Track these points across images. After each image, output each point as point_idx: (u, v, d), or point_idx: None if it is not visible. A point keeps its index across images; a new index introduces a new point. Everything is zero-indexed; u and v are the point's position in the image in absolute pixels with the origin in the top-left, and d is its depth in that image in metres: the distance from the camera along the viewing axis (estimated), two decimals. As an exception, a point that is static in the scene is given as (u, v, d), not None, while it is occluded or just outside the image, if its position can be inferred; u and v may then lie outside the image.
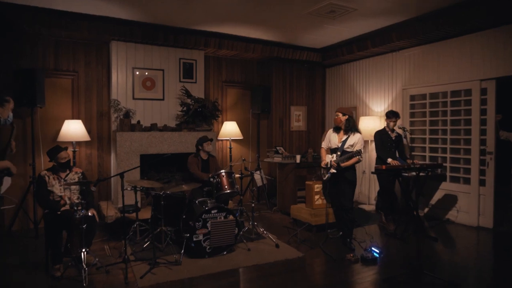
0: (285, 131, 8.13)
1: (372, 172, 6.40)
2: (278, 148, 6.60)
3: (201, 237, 4.25)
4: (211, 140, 5.27)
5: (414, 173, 5.43)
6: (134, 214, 5.21)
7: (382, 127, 6.84)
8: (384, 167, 4.99)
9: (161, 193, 4.38)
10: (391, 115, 5.64)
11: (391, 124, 5.61)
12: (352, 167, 4.73)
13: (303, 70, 8.33)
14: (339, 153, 4.68)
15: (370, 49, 6.73)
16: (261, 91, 7.30)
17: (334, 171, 4.64)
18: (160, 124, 6.22)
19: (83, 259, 3.64)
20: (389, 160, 5.30)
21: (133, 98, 6.20)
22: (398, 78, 6.87)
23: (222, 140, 7.26)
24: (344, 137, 4.69)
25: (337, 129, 4.83)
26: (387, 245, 4.84)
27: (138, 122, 5.88)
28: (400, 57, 6.80)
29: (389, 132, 5.62)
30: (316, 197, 5.41)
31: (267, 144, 7.85)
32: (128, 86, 6.16)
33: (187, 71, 6.64)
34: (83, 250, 3.68)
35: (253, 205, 4.99)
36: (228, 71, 7.42)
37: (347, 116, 4.73)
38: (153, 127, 5.91)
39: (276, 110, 8.00)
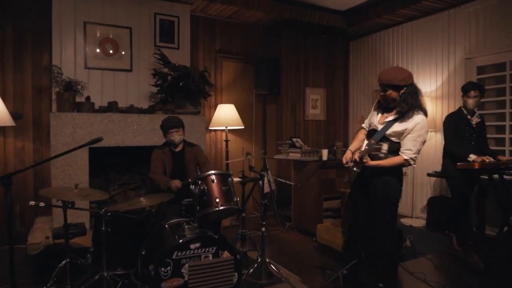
0: (298, 121, 6.22)
1: (432, 175, 4.51)
2: (295, 140, 4.67)
3: (171, 293, 2.33)
4: (178, 125, 3.33)
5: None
6: (79, 240, 3.40)
7: (431, 110, 5.00)
8: (477, 165, 3.14)
9: (100, 212, 2.46)
10: (469, 87, 3.72)
11: (471, 102, 3.69)
12: (394, 170, 2.73)
13: (320, 42, 6.41)
14: (373, 141, 2.69)
15: (421, 2, 4.83)
16: (268, 65, 5.40)
17: (357, 170, 2.72)
18: (126, 105, 4.30)
19: None
20: (473, 157, 3.39)
21: (86, 67, 4.28)
22: (458, 44, 4.96)
23: (215, 130, 5.33)
24: (392, 117, 2.71)
25: (382, 105, 2.82)
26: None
27: (88, 98, 3.95)
28: (462, 15, 4.89)
29: (468, 116, 3.71)
30: (359, 213, 3.49)
31: (276, 136, 5.93)
32: (78, 49, 4.24)
33: (166, 32, 4.72)
34: None
35: (263, 228, 3.01)
36: (224, 38, 5.50)
37: (404, 89, 2.62)
38: (111, 107, 3.98)
39: (287, 92, 6.08)
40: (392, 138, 2.68)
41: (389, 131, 2.67)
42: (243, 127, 5.18)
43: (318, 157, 4.45)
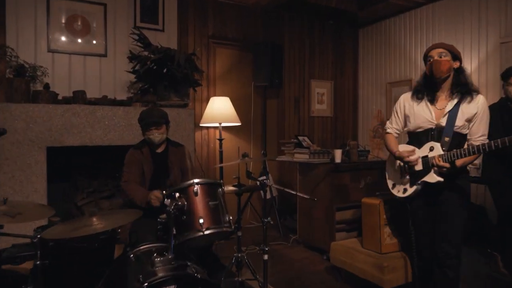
0: (303, 117, 5.49)
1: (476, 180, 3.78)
2: (301, 138, 3.94)
3: None
4: (161, 121, 2.61)
5: None
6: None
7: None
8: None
9: (34, 240, 1.73)
10: (511, 72, 3.04)
11: None
12: (465, 170, 2.30)
13: (327, 29, 5.69)
14: (447, 138, 2.16)
15: (449, -24, 4.13)
16: (269, 52, 4.67)
17: (440, 179, 2.14)
18: (99, 96, 3.55)
19: None
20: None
21: (49, 50, 3.54)
22: (491, 27, 4.25)
23: (207, 127, 4.60)
24: (451, 105, 2.20)
25: (423, 91, 2.30)
26: None
27: (47, 86, 3.21)
28: (496, -8, 4.19)
29: (515, 107, 3.02)
30: (386, 230, 2.78)
31: (278, 134, 5.21)
32: (39, 28, 3.50)
33: (148, 11, 3.99)
34: None
35: (265, 256, 2.22)
36: (218, 22, 4.77)
37: (458, 63, 2.22)
38: (76, 98, 3.23)
39: (290, 85, 5.36)
40: (460, 129, 2.19)
41: (458, 121, 2.16)
42: (239, 124, 4.44)
43: (328, 159, 3.72)
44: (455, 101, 2.19)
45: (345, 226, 3.67)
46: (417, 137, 2.31)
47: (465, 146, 2.19)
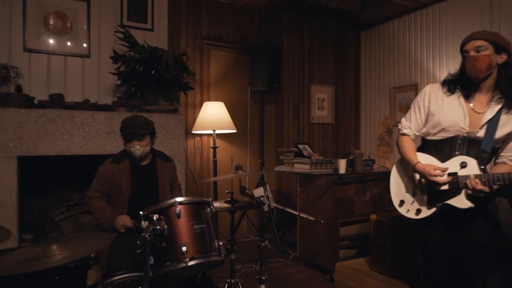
0: (302, 124, 5.18)
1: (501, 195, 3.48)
2: (301, 147, 3.62)
3: None
4: (144, 132, 2.29)
5: None
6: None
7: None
8: None
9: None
10: None
11: None
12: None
13: (328, 32, 5.41)
14: (485, 155, 1.78)
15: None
16: (267, 55, 4.37)
17: (471, 204, 1.76)
18: (81, 101, 3.23)
19: None
20: None
21: (25, 50, 3.22)
22: (504, 29, 3.97)
23: (200, 134, 4.29)
24: (491, 111, 1.78)
25: (455, 83, 1.87)
26: None
27: (18, 89, 2.88)
28: (510, -10, 3.93)
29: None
30: (399, 252, 2.45)
31: (276, 142, 4.89)
32: (14, 24, 3.19)
33: (136, 8, 3.69)
34: None
35: (262, 287, 1.91)
36: (213, 22, 4.47)
37: (505, 56, 1.77)
38: (53, 102, 2.91)
39: (289, 90, 5.06)
40: (497, 144, 1.80)
41: (498, 134, 1.75)
42: (235, 131, 4.14)
43: (332, 170, 3.41)
44: (498, 107, 1.76)
45: (349, 243, 3.36)
46: (436, 146, 1.89)
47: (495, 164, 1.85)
